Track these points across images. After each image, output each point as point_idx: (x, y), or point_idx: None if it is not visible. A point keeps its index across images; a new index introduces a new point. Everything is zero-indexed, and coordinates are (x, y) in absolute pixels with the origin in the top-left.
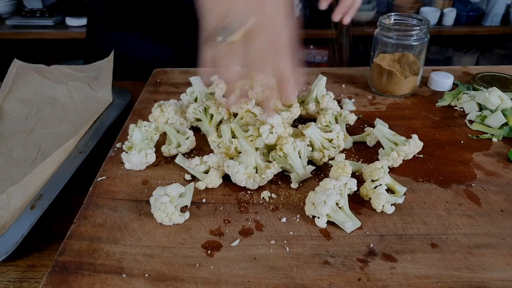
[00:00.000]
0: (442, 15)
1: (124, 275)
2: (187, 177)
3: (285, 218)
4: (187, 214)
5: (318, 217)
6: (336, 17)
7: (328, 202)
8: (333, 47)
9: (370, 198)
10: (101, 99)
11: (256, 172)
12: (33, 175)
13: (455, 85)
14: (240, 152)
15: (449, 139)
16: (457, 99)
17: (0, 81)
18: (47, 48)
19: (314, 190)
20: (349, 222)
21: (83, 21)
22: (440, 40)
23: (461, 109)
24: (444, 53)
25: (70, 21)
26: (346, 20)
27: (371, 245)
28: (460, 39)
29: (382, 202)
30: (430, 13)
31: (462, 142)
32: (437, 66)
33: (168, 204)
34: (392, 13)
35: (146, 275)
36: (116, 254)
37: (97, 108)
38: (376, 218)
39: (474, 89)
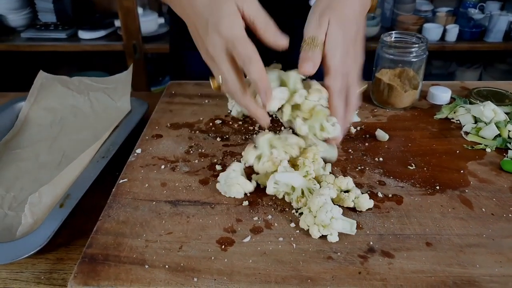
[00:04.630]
0: (445, 31)
1: (146, 266)
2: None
3: (291, 218)
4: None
5: (331, 234)
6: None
7: (336, 216)
8: None
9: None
10: (120, 108)
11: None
12: (61, 176)
13: (452, 99)
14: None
15: (446, 149)
16: (454, 112)
17: (19, 90)
18: (60, 59)
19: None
20: (350, 227)
21: (94, 34)
22: (443, 55)
23: (458, 122)
24: (447, 67)
25: (82, 34)
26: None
27: (371, 243)
28: (463, 55)
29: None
30: (433, 29)
31: (457, 152)
32: (440, 80)
33: (240, 177)
34: (393, 31)
35: (167, 266)
36: (139, 248)
37: (116, 116)
38: (376, 219)
39: (471, 103)
